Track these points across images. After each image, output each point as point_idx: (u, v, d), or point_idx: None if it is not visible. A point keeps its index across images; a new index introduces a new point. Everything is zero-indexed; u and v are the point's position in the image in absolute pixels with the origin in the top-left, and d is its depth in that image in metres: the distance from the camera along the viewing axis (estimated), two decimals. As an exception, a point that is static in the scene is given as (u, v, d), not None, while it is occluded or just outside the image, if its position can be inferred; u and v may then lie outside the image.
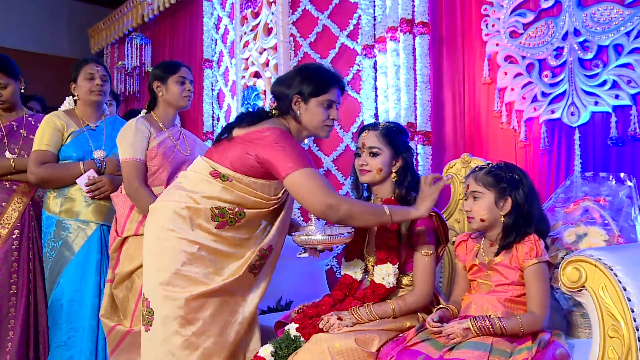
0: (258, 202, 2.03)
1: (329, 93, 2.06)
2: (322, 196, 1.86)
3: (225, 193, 2.00)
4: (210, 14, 5.18)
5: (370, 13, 3.58)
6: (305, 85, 2.04)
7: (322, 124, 2.08)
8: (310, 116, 2.05)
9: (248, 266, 2.03)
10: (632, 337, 1.34)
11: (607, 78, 2.58)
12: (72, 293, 2.70)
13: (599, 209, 1.96)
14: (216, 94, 5.14)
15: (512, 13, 2.94)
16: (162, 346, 1.96)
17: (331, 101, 2.07)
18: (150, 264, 2.04)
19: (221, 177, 2.00)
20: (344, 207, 1.87)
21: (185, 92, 2.60)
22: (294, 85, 2.06)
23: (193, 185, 2.03)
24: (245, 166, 1.99)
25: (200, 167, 2.06)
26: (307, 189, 1.88)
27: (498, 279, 1.87)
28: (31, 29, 6.69)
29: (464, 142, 3.18)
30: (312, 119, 2.05)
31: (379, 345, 1.86)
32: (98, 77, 2.80)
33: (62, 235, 2.72)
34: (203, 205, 1.99)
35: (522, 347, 1.65)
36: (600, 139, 2.62)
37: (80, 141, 2.78)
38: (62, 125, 2.77)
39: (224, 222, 2.00)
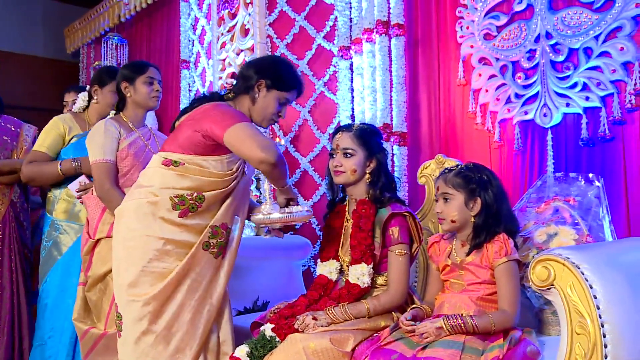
0: (215, 182, 2.05)
1: (289, 92, 2.16)
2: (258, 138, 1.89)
3: (180, 180, 2.01)
4: (187, 14, 5.15)
5: (347, 15, 3.60)
6: (275, 75, 2.12)
7: (270, 116, 2.15)
8: (265, 104, 2.12)
9: (200, 243, 2.03)
10: (598, 334, 1.38)
11: (578, 80, 2.62)
12: (56, 293, 2.72)
13: (569, 208, 2.00)
14: (193, 94, 5.11)
15: (486, 16, 2.98)
16: (135, 348, 1.96)
17: (287, 100, 2.16)
18: (118, 266, 2.05)
19: (173, 164, 2.02)
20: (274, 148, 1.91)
21: (154, 93, 2.59)
22: (265, 71, 2.12)
23: (149, 180, 2.05)
24: (193, 144, 2.01)
25: (154, 161, 2.09)
26: (245, 136, 1.90)
27: (470, 278, 1.89)
28: (5, 28, 6.59)
29: (439, 143, 3.21)
30: (266, 107, 2.12)
31: (354, 345, 1.88)
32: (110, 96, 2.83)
33: (53, 235, 2.76)
34: (162, 196, 2.00)
35: (494, 344, 1.67)
36: (572, 140, 2.67)
37: (81, 145, 2.74)
38: (65, 129, 2.79)
39: (186, 209, 2.01)
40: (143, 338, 1.96)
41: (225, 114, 1.98)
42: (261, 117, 2.14)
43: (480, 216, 1.90)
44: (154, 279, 1.99)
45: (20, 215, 3.00)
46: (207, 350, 2.08)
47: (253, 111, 2.13)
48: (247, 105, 2.13)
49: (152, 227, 1.99)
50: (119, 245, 2.05)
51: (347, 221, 2.23)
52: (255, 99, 2.12)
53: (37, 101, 5.84)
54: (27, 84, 6.39)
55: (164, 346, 1.97)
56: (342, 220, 2.26)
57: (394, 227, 2.09)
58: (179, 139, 2.05)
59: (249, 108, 2.13)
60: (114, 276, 2.07)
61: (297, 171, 4.07)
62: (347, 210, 2.25)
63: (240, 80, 2.16)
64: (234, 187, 2.12)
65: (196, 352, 2.02)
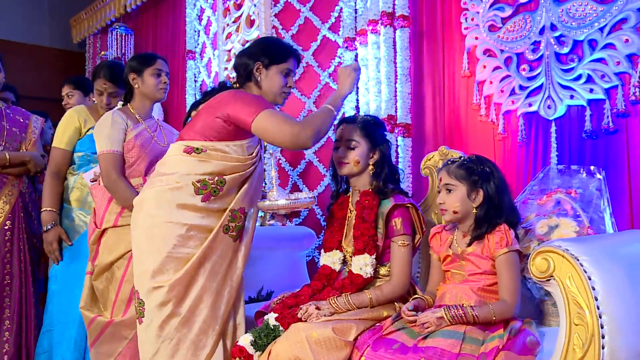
0: (236, 166, 2.10)
1: (287, 62, 2.21)
2: (287, 127, 1.98)
3: (202, 165, 2.06)
4: (193, 5, 5.16)
5: (352, 6, 3.61)
6: (266, 53, 2.18)
7: (281, 90, 2.20)
8: (271, 82, 2.18)
9: (221, 226, 2.09)
10: (595, 324, 1.39)
11: (582, 72, 2.62)
12: (64, 280, 2.76)
13: (571, 201, 2.01)
14: (199, 85, 5.13)
15: (491, 7, 2.97)
16: (159, 333, 2.00)
17: (289, 70, 2.22)
18: (141, 254, 2.08)
19: (195, 151, 2.06)
20: (307, 128, 1.99)
21: (161, 85, 2.60)
22: (257, 53, 2.19)
23: (170, 168, 2.09)
24: (215, 130, 2.07)
25: (174, 149, 2.13)
26: (272, 126, 1.98)
27: (471, 269, 1.91)
28: (11, 18, 6.61)
29: (443, 134, 3.22)
30: (273, 85, 2.18)
31: (356, 334, 1.90)
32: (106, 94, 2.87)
33: (66, 223, 2.83)
34: (184, 182, 2.05)
35: (494, 334, 1.69)
36: (576, 132, 2.67)
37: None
38: (81, 122, 2.86)
39: (208, 193, 2.05)
40: (169, 322, 2.01)
41: (249, 101, 2.04)
42: (273, 96, 2.19)
43: (482, 207, 1.91)
44: (178, 264, 2.03)
45: (29, 206, 3.03)
46: (225, 333, 2.12)
47: (263, 94, 2.18)
48: (255, 91, 2.18)
49: (174, 214, 2.03)
50: (140, 234, 2.08)
51: (351, 212, 2.25)
52: (259, 82, 2.18)
53: (43, 91, 5.86)
54: (34, 74, 6.41)
55: (188, 328, 2.02)
56: (346, 211, 2.28)
57: (397, 218, 2.11)
58: (197, 127, 2.10)
59: (258, 93, 2.18)
60: (136, 264, 2.10)
61: (301, 162, 4.08)
62: (351, 201, 2.27)
63: (239, 71, 2.22)
64: (252, 171, 2.17)
65: (218, 334, 2.07)
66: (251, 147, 2.16)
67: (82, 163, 2.85)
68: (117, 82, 2.83)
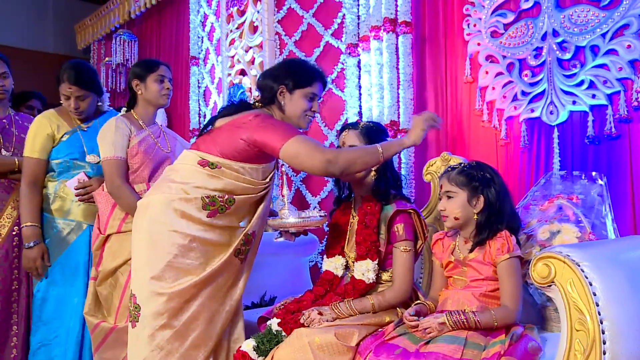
0: (247, 188, 2.08)
1: (312, 86, 2.16)
2: (319, 154, 1.95)
3: (214, 181, 2.04)
4: (196, 11, 5.18)
5: (354, 12, 3.62)
6: (291, 77, 2.14)
7: (304, 114, 2.17)
8: (294, 106, 2.14)
9: (234, 250, 2.08)
10: (597, 330, 1.39)
11: (585, 78, 2.62)
12: (58, 292, 2.69)
13: (572, 206, 2.01)
14: (202, 91, 5.15)
15: (493, 13, 2.98)
16: (149, 341, 1.99)
17: (314, 94, 2.17)
18: (140, 258, 2.06)
19: (210, 165, 2.04)
20: (341, 157, 1.96)
21: (164, 91, 2.60)
22: (281, 76, 2.15)
23: (183, 177, 2.07)
24: (236, 151, 2.04)
25: (188, 158, 2.10)
26: (304, 152, 1.95)
27: (473, 275, 1.92)
28: (17, 24, 6.66)
29: (446, 140, 3.22)
30: (296, 109, 2.14)
31: (359, 340, 1.91)
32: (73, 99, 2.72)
33: (50, 233, 2.71)
34: (194, 194, 2.03)
35: (495, 340, 1.69)
36: (578, 138, 2.67)
37: (72, 141, 2.75)
38: (54, 128, 2.73)
39: (215, 210, 2.04)
40: (161, 332, 1.99)
41: (279, 127, 2.02)
42: (296, 120, 2.16)
43: (482, 214, 1.92)
44: (177, 274, 2.01)
45: None
46: (219, 351, 2.12)
47: (287, 118, 2.15)
48: (278, 115, 2.16)
49: (179, 223, 2.02)
50: (142, 238, 2.06)
51: (353, 218, 2.26)
52: (283, 106, 2.15)
53: (47, 97, 5.90)
54: (38, 80, 6.44)
55: (180, 342, 2.00)
56: (348, 217, 2.29)
57: (399, 224, 2.12)
58: (218, 142, 2.07)
59: (281, 117, 2.15)
60: (135, 266, 2.08)
61: (304, 168, 4.09)
62: (353, 207, 2.28)
63: (263, 92, 2.19)
64: (264, 195, 2.16)
65: (209, 351, 2.07)
66: (266, 172, 2.15)
67: (61, 170, 2.74)
68: (83, 84, 2.71)
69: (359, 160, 1.98)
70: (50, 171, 2.75)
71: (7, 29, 6.54)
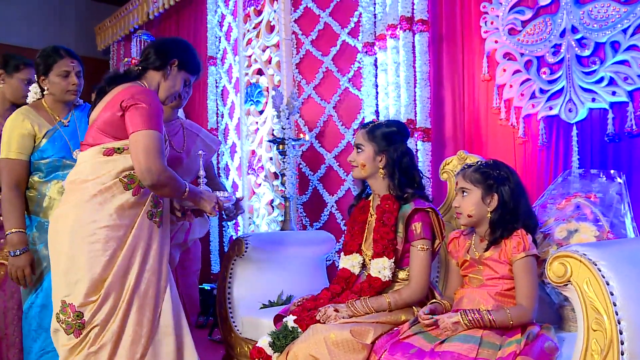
0: None
1: (194, 76, 2.32)
2: (154, 158, 1.96)
3: (127, 161, 2.03)
4: (214, 11, 5.22)
5: (371, 11, 3.62)
6: (186, 57, 2.27)
7: (175, 94, 2.27)
8: (174, 83, 2.23)
9: (145, 212, 2.08)
10: (614, 330, 1.37)
11: (604, 75, 2.60)
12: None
13: (590, 205, 1.98)
14: (220, 90, 5.19)
15: (511, 10, 2.96)
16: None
17: (190, 82, 2.32)
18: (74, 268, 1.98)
19: (117, 151, 2.04)
20: (164, 175, 1.98)
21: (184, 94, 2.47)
22: (181, 51, 2.26)
23: (94, 172, 2.03)
24: (121, 128, 2.03)
25: (88, 156, 2.06)
26: (147, 147, 1.97)
27: (488, 274, 1.90)
28: (39, 26, 6.75)
29: (463, 139, 3.21)
30: (173, 86, 2.24)
31: (374, 338, 1.91)
32: (74, 75, 2.57)
33: (44, 237, 2.41)
34: (112, 181, 2.02)
35: (511, 339, 1.68)
36: (598, 135, 2.65)
37: (56, 140, 2.55)
38: (35, 127, 2.51)
39: (137, 186, 2.05)
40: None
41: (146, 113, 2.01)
42: (167, 94, 2.23)
43: (496, 212, 1.90)
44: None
45: None
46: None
47: (162, 86, 2.22)
48: (157, 80, 2.21)
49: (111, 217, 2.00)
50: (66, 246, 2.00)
51: (371, 216, 2.26)
52: (167, 75, 2.22)
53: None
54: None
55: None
56: (367, 215, 2.29)
57: (417, 222, 2.11)
58: (106, 130, 2.05)
59: (158, 83, 2.21)
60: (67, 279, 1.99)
61: (322, 166, 4.10)
62: (372, 205, 2.28)
63: (153, 56, 2.21)
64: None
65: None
66: None
67: (50, 170, 2.53)
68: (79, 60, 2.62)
69: (170, 188, 2.03)
70: (37, 172, 2.53)
71: (29, 31, 6.64)
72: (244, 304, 2.80)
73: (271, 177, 4.52)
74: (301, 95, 4.23)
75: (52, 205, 2.52)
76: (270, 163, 4.52)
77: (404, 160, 2.20)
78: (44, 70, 2.54)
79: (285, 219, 3.81)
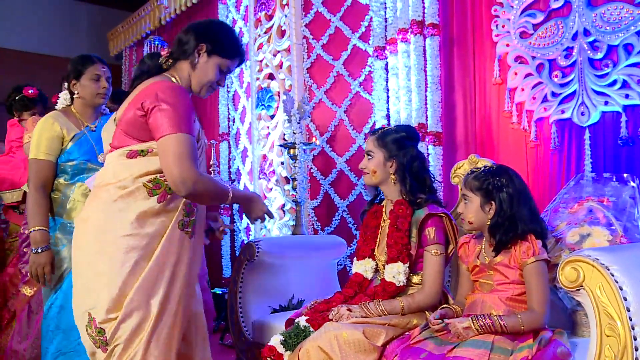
0: None
1: (231, 60, 2.02)
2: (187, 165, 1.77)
3: (151, 164, 1.85)
4: (225, 16, 5.24)
5: (382, 15, 3.61)
6: (217, 40, 1.98)
7: (209, 84, 2.00)
8: (205, 70, 1.98)
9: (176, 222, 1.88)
10: (628, 336, 1.36)
11: (617, 78, 2.58)
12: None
13: (603, 209, 1.97)
14: (231, 95, 5.20)
15: (522, 14, 2.95)
16: None
17: (228, 69, 2.03)
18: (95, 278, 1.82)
19: (141, 153, 1.87)
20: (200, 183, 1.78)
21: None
22: (207, 34, 1.98)
23: (116, 175, 1.87)
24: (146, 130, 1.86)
25: (113, 158, 1.92)
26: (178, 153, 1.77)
27: (499, 279, 1.90)
28: (53, 33, 6.83)
29: (474, 143, 3.19)
30: (205, 74, 1.98)
31: (385, 341, 1.92)
32: (104, 79, 2.66)
33: (68, 238, 2.53)
34: (134, 185, 1.84)
35: (523, 345, 1.67)
36: (611, 139, 2.62)
37: (83, 143, 2.64)
38: (63, 130, 2.60)
39: (163, 192, 1.85)
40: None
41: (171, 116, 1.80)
42: (200, 84, 1.99)
43: (494, 219, 1.91)
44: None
45: None
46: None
47: (193, 77, 1.98)
48: (186, 71, 1.98)
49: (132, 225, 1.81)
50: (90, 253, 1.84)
51: (384, 221, 2.27)
52: (195, 64, 1.97)
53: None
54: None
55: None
56: (379, 220, 2.30)
57: (430, 227, 2.12)
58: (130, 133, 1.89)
59: (188, 74, 1.98)
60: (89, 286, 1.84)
61: (333, 171, 4.10)
62: (385, 210, 2.29)
63: (178, 45, 2.00)
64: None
65: None
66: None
67: (75, 172, 2.60)
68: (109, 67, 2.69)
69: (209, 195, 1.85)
70: (63, 174, 2.61)
71: (42, 37, 6.71)
72: (255, 309, 2.81)
73: (282, 181, 4.52)
74: (312, 99, 4.23)
75: (75, 207, 2.58)
76: (282, 167, 4.52)
77: (415, 164, 2.20)
78: (76, 75, 2.64)
79: (296, 223, 3.81)
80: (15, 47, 6.43)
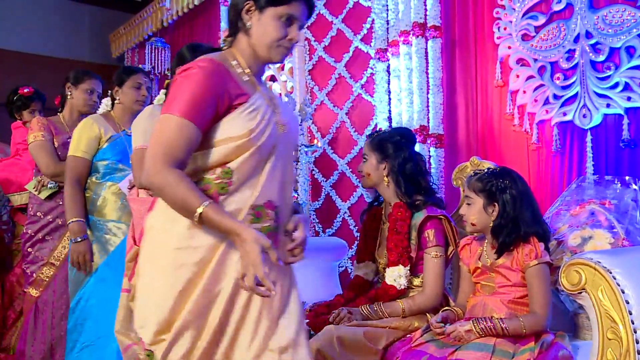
0: (238, 147, 1.49)
1: (290, 5, 1.54)
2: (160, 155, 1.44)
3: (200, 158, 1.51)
4: (227, 18, 5.23)
5: (384, 17, 3.61)
6: None
7: (276, 43, 1.56)
8: (263, 30, 1.54)
9: None
10: (630, 340, 1.36)
11: (619, 80, 2.57)
12: (103, 293, 2.63)
13: (605, 212, 1.96)
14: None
15: (524, 16, 2.94)
16: None
17: (292, 17, 1.56)
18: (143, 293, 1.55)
19: None
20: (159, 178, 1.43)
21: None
22: None
23: None
24: None
25: None
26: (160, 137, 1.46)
27: (501, 281, 1.89)
28: (55, 35, 6.82)
29: (476, 145, 3.19)
30: (264, 35, 1.54)
31: (386, 343, 1.92)
32: (144, 88, 2.82)
33: (97, 235, 2.72)
34: None
35: (524, 348, 1.67)
36: (613, 141, 2.62)
37: (117, 145, 2.76)
38: (101, 131, 2.75)
39: (214, 193, 1.48)
40: None
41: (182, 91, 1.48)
42: (266, 48, 1.56)
43: (497, 221, 1.91)
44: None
45: None
46: None
47: (254, 45, 1.57)
48: (245, 42, 1.58)
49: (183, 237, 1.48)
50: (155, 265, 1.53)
51: (384, 224, 2.27)
52: (248, 29, 1.56)
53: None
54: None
55: None
56: (379, 223, 2.30)
57: (430, 229, 2.12)
58: None
59: (248, 44, 1.58)
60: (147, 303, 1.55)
61: (334, 173, 4.09)
62: (384, 213, 2.29)
63: (230, 17, 1.61)
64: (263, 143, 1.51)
65: None
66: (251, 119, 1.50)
67: (106, 172, 2.75)
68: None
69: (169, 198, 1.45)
70: (95, 173, 2.75)
71: (44, 39, 6.71)
72: (256, 311, 2.79)
73: (284, 183, 4.51)
74: (314, 101, 4.23)
75: (105, 204, 2.75)
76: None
77: (408, 166, 2.20)
78: (119, 82, 2.81)
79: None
80: (16, 48, 6.43)
